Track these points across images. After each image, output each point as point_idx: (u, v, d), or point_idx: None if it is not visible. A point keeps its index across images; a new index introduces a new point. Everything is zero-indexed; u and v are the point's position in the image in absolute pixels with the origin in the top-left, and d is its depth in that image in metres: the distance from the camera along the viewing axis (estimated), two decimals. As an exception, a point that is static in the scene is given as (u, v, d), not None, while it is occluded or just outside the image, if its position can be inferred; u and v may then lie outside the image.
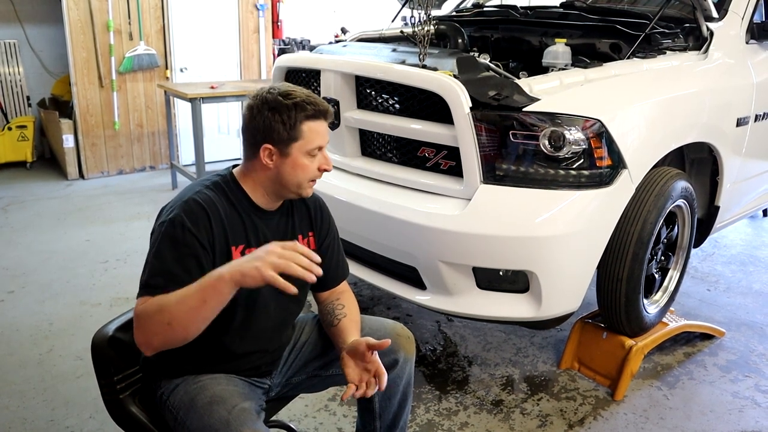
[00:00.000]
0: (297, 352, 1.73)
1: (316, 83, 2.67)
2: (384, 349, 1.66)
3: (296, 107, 1.44)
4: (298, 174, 1.49)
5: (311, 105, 1.46)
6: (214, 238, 1.43)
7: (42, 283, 3.36)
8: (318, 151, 1.50)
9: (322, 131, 1.50)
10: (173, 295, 1.31)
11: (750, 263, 3.86)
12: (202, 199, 1.44)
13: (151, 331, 1.33)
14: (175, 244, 1.39)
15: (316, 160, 1.50)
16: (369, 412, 1.77)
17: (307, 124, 1.46)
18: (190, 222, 1.40)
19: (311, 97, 1.48)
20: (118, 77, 5.28)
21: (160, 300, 1.32)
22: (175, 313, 1.29)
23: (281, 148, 1.46)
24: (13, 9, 5.50)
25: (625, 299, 2.34)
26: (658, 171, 2.36)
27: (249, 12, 5.88)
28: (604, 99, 2.23)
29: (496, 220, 2.08)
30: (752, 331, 3.02)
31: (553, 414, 2.37)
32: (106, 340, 1.51)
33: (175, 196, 1.51)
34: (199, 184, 1.51)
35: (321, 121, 1.49)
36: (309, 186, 1.53)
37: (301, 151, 1.47)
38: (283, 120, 1.44)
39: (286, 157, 1.47)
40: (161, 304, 1.31)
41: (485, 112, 2.09)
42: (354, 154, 2.56)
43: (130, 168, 5.57)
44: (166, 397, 1.50)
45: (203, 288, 1.28)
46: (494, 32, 3.30)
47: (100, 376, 1.53)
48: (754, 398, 2.50)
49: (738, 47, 2.84)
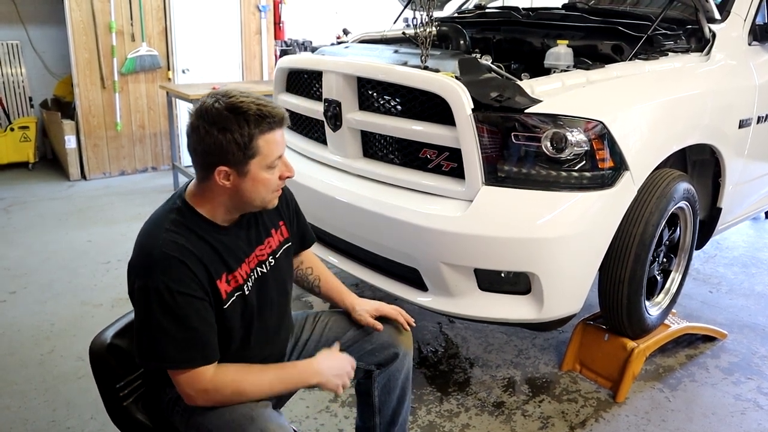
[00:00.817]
0: (299, 350, 1.74)
1: (318, 84, 2.67)
2: (383, 344, 1.70)
3: (248, 123, 1.32)
4: (260, 190, 1.40)
5: (265, 117, 1.34)
6: (201, 282, 1.37)
7: (43, 283, 3.36)
8: (278, 161, 1.41)
9: (280, 140, 1.39)
10: (251, 379, 1.41)
11: (752, 265, 3.85)
12: (171, 250, 1.34)
13: (219, 402, 1.40)
14: (172, 314, 1.32)
15: (277, 170, 1.42)
16: (368, 408, 1.79)
17: (263, 138, 1.34)
18: (174, 283, 1.32)
19: (262, 106, 1.35)
20: (120, 78, 5.29)
21: (234, 381, 1.39)
22: (250, 395, 1.40)
23: (239, 168, 1.35)
24: (15, 10, 5.51)
25: (627, 301, 2.34)
26: (661, 173, 2.36)
27: (251, 13, 5.89)
28: (606, 100, 2.22)
29: (498, 222, 2.08)
30: (754, 333, 3.01)
31: (555, 416, 2.37)
32: (105, 348, 1.48)
33: (137, 247, 1.39)
34: (155, 227, 1.40)
35: (277, 130, 1.38)
36: (274, 197, 1.47)
37: (260, 167, 1.37)
38: (236, 139, 1.32)
39: (244, 176, 1.37)
40: (239, 390, 1.39)
41: (487, 113, 2.09)
42: (356, 155, 2.56)
43: (131, 169, 5.57)
44: (174, 401, 1.49)
45: (288, 381, 1.46)
46: (496, 34, 3.29)
47: (102, 384, 1.50)
48: (757, 400, 2.50)
49: (740, 49, 2.84)
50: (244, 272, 1.49)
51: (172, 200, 1.46)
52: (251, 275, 1.51)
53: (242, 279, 1.48)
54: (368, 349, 1.71)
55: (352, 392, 2.21)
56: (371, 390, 1.75)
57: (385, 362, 1.72)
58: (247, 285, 1.49)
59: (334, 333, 1.74)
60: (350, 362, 1.55)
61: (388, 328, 1.73)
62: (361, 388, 1.79)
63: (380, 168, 2.46)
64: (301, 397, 2.40)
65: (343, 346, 1.69)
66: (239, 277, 1.47)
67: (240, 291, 1.47)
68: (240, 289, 1.47)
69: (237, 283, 1.46)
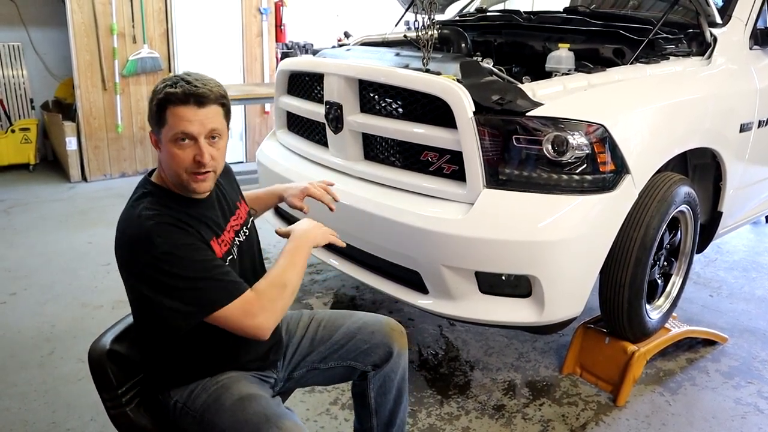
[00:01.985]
0: (294, 347, 1.75)
1: (320, 87, 2.67)
2: (377, 343, 1.71)
3: (163, 90, 1.37)
4: (171, 164, 1.40)
5: (177, 88, 1.36)
6: (201, 237, 1.42)
7: (44, 285, 3.36)
8: (187, 140, 1.38)
9: (188, 117, 1.37)
10: (283, 270, 1.47)
11: (753, 269, 3.85)
12: (159, 220, 1.37)
13: (281, 308, 1.44)
14: (192, 264, 1.35)
15: (189, 150, 1.39)
16: (365, 409, 1.79)
17: (170, 108, 1.36)
18: (177, 240, 1.35)
19: (186, 82, 1.38)
20: (121, 80, 5.29)
21: (271, 282, 1.44)
22: (294, 282, 1.47)
23: (156, 134, 1.42)
24: (17, 12, 5.51)
25: (628, 304, 2.34)
26: (661, 176, 2.36)
27: (252, 16, 5.89)
28: (607, 104, 2.23)
29: (499, 225, 2.08)
30: (755, 338, 3.01)
31: (555, 419, 2.36)
32: (105, 354, 1.48)
33: (124, 237, 1.40)
34: (133, 214, 1.40)
35: (187, 106, 1.36)
36: (192, 179, 1.42)
37: (167, 138, 1.38)
38: (151, 102, 1.40)
39: (161, 144, 1.41)
40: (281, 282, 1.44)
41: (488, 116, 2.09)
42: (357, 157, 2.56)
43: (132, 171, 5.57)
44: (182, 403, 1.49)
45: (300, 256, 1.52)
46: (497, 37, 3.30)
47: (103, 391, 1.49)
48: (757, 405, 2.49)
49: (741, 53, 2.84)
50: (228, 239, 1.53)
51: (138, 190, 1.49)
52: (234, 242, 1.56)
53: (228, 245, 1.52)
54: (363, 349, 1.72)
55: (352, 395, 2.21)
56: (367, 391, 1.75)
57: (380, 362, 1.72)
58: (233, 251, 1.54)
59: (329, 332, 1.76)
60: (312, 221, 1.65)
61: (381, 328, 1.74)
62: (357, 389, 1.80)
63: (381, 170, 2.46)
64: (301, 400, 2.40)
65: (337, 345, 1.72)
66: (226, 243, 1.52)
67: (230, 255, 1.52)
68: (230, 254, 1.52)
69: (227, 246, 1.51)
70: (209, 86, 1.40)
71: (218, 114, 1.42)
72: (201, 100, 1.38)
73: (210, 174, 1.44)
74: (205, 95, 1.38)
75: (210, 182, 1.46)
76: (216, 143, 1.43)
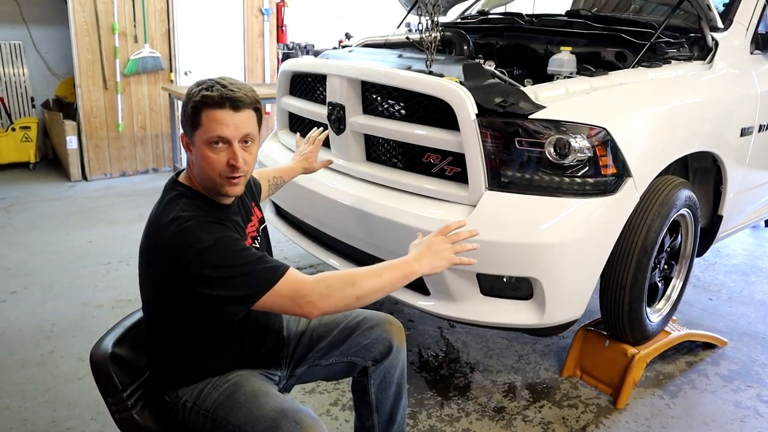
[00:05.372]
0: (295, 344, 1.77)
1: (322, 88, 2.68)
2: (377, 338, 1.73)
3: (199, 93, 1.38)
4: (205, 167, 1.41)
5: (213, 92, 1.37)
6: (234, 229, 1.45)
7: (44, 283, 3.36)
8: (221, 143, 1.39)
9: (224, 121, 1.38)
10: (364, 274, 1.42)
11: (752, 273, 3.86)
12: (199, 219, 1.38)
13: (338, 300, 1.39)
14: (238, 250, 1.36)
15: (223, 154, 1.40)
16: (365, 406, 1.80)
17: (206, 111, 1.37)
18: (220, 233, 1.37)
19: (222, 86, 1.39)
20: (122, 79, 5.30)
21: (341, 274, 1.42)
22: (368, 291, 1.41)
23: (190, 137, 1.42)
24: (18, 10, 5.52)
25: (628, 307, 2.34)
26: (662, 180, 2.36)
27: (254, 16, 5.90)
28: (609, 107, 2.23)
29: (501, 227, 2.08)
30: (754, 341, 3.02)
31: (555, 421, 2.37)
32: (107, 358, 1.47)
33: (168, 237, 1.37)
34: (171, 215, 1.40)
35: (223, 110, 1.38)
36: (227, 183, 1.43)
37: (201, 141, 1.39)
38: (186, 105, 1.41)
39: (194, 147, 1.42)
40: (351, 280, 1.40)
41: (491, 118, 2.10)
42: (359, 159, 2.57)
43: (133, 170, 5.57)
44: (192, 403, 1.50)
45: (394, 273, 1.45)
46: (499, 39, 3.30)
47: (108, 396, 1.49)
48: (757, 408, 2.50)
49: (743, 57, 2.85)
50: (248, 243, 1.56)
51: (168, 192, 1.48)
52: (253, 246, 1.59)
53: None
54: (363, 344, 1.73)
55: (353, 396, 2.21)
56: (368, 387, 1.77)
57: (380, 357, 1.74)
58: None
59: (328, 328, 1.77)
60: (442, 241, 1.56)
61: (381, 323, 1.76)
62: (358, 386, 1.82)
63: (383, 172, 2.46)
64: (301, 401, 2.39)
65: (337, 341, 1.73)
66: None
67: None
68: None
69: None
70: (244, 91, 1.42)
71: (252, 119, 1.44)
72: (237, 105, 1.39)
73: (242, 178, 1.45)
74: (241, 100, 1.40)
75: (241, 186, 1.47)
76: (249, 147, 1.44)
